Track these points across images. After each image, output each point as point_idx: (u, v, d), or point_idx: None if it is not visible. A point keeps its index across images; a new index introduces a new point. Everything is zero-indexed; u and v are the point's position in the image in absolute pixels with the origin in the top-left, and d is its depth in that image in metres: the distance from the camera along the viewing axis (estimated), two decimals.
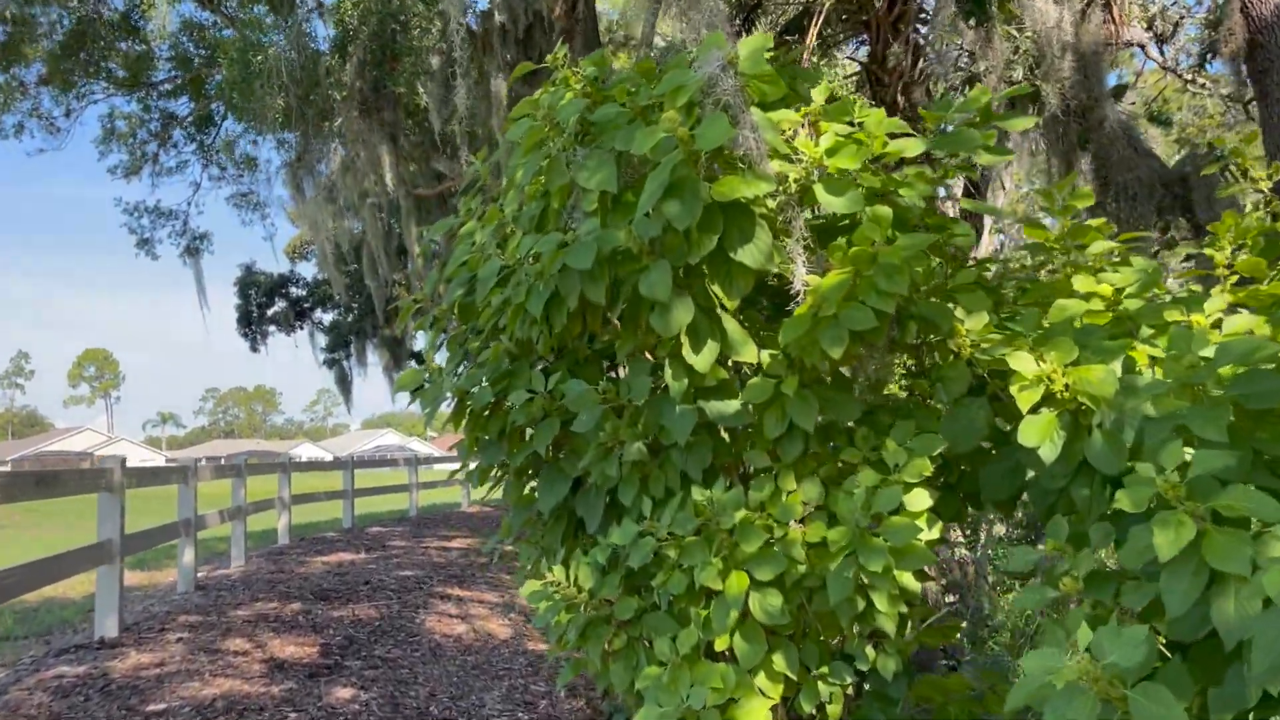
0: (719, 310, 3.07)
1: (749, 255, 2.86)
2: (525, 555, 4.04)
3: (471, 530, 17.25)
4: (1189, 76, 14.71)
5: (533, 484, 3.90)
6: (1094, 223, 3.39)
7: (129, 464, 8.30)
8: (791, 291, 2.97)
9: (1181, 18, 15.48)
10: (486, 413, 3.63)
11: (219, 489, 28.95)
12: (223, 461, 12.39)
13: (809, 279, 2.89)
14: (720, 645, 3.19)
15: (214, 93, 14.18)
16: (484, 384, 3.56)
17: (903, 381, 3.68)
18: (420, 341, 27.13)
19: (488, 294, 3.47)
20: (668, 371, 3.11)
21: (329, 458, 65.78)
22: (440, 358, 4.14)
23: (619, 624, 3.39)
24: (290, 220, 24.44)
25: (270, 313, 23.37)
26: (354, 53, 9.83)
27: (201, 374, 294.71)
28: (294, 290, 23.56)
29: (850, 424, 3.27)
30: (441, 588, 10.25)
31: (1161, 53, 15.54)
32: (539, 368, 3.67)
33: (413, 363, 25.28)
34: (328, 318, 23.59)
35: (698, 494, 3.14)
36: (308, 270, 23.66)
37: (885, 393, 3.46)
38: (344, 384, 23.32)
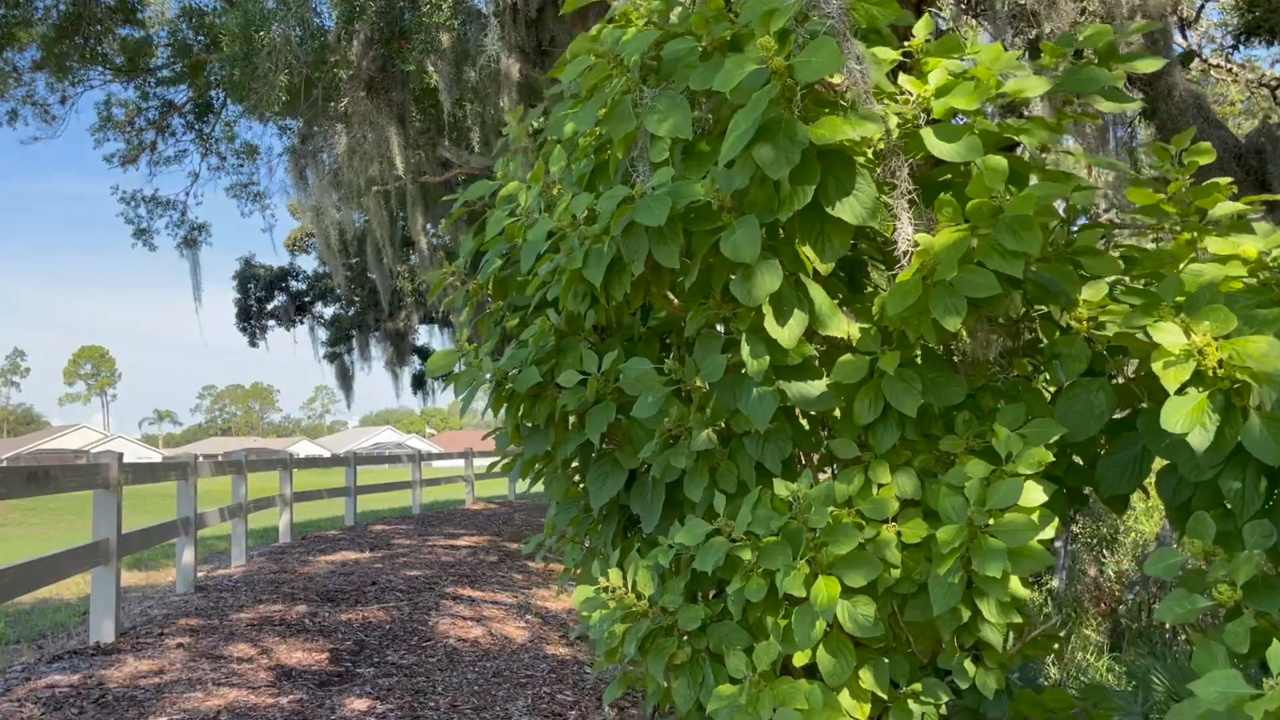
0: (805, 277, 2.67)
1: (848, 210, 2.46)
2: (570, 556, 3.65)
3: (478, 528, 16.85)
4: (1216, 61, 14.33)
5: (578, 477, 3.50)
6: (1220, 181, 2.99)
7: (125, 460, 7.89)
8: (897, 253, 2.56)
9: (1205, 1, 15.11)
10: (532, 397, 3.22)
11: (218, 486, 28.60)
12: (221, 458, 11.98)
13: (918, 238, 2.49)
14: (800, 660, 2.80)
15: (214, 79, 13.76)
16: (528, 364, 3.15)
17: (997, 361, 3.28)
18: (424, 335, 26.75)
19: (535, 262, 3.07)
20: (744, 348, 2.71)
21: (327, 455, 65.47)
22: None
23: (683, 635, 3.00)
24: (291, 214, 24.06)
25: (270, 307, 22.93)
26: (360, 29, 9.42)
27: (198, 372, 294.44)
28: (294, 284, 23.12)
29: (949, 409, 2.87)
30: (453, 588, 9.85)
31: (1185, 37, 15.17)
32: (587, 347, 3.27)
33: (416, 359, 24.88)
34: (329, 311, 23.17)
35: (780, 488, 2.74)
36: (308, 264, 23.34)
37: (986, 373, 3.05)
38: (345, 379, 22.89)
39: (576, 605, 3.08)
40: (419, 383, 25.05)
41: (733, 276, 2.57)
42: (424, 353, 25.08)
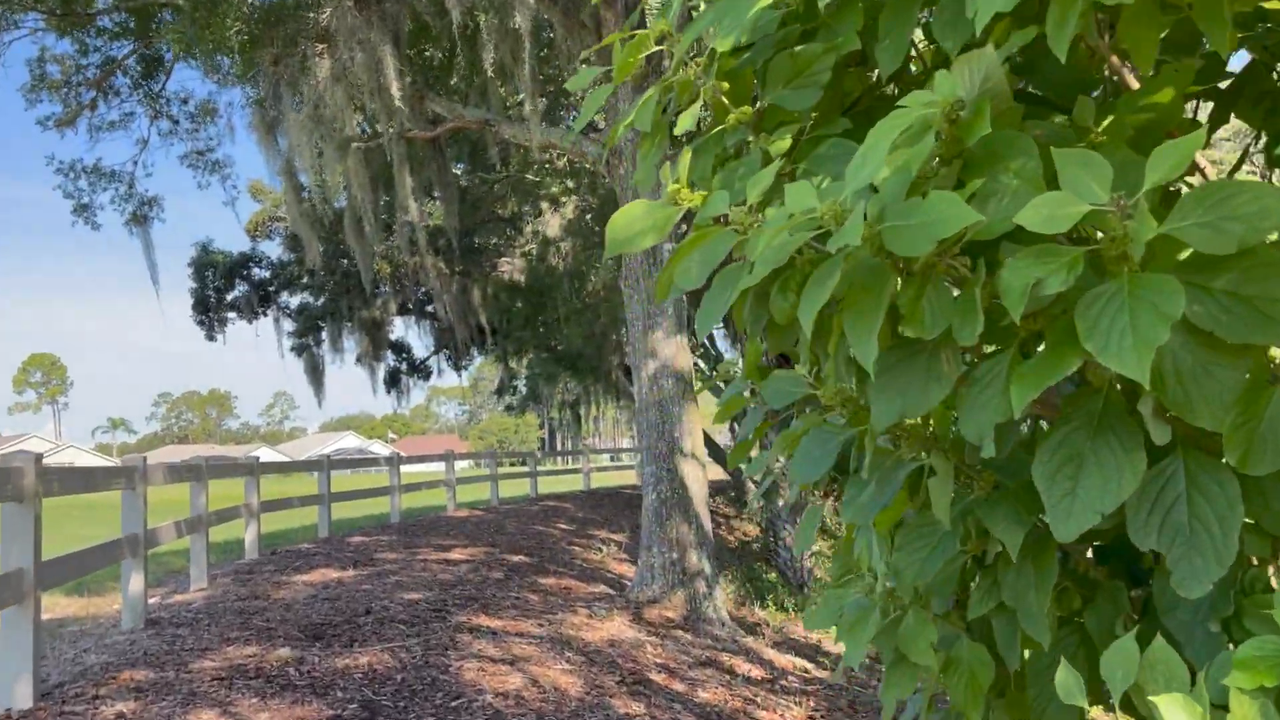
0: None
1: None
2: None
3: (468, 538, 15.02)
4: None
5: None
6: None
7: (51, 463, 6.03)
8: None
9: None
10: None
11: (172, 495, 26.43)
12: (178, 463, 10.11)
13: None
14: None
15: (162, 26, 11.86)
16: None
17: None
18: (400, 327, 24.67)
19: None
20: None
21: (289, 461, 63.02)
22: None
23: None
24: (253, 195, 22.03)
25: (230, 297, 20.82)
26: None
27: (153, 379, 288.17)
28: (257, 271, 21.04)
29: None
30: (464, 615, 8.07)
31: None
32: None
33: (390, 354, 22.91)
34: (295, 301, 21.08)
35: None
36: (273, 250, 21.25)
37: None
38: (315, 373, 20.76)
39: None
40: (393, 380, 23.05)
41: None
42: (400, 348, 23.10)
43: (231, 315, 20.92)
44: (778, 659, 8.93)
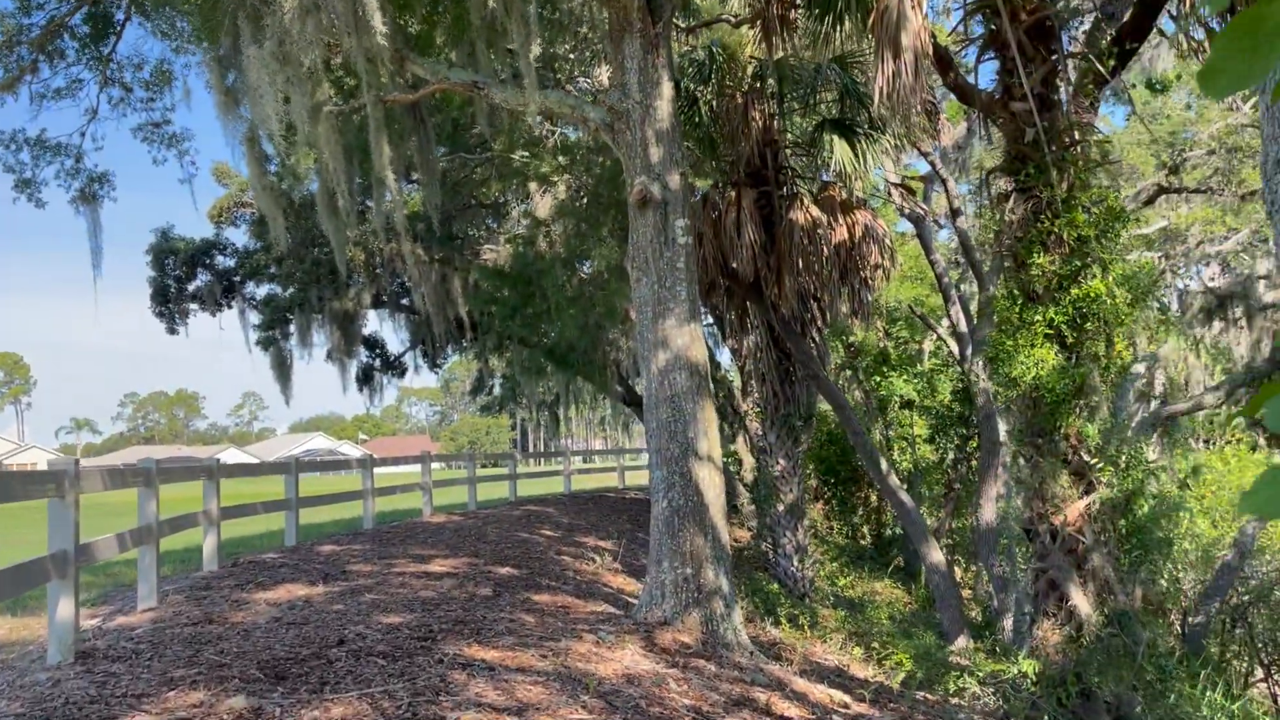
0: None
1: None
2: None
3: (449, 547, 13.81)
4: None
5: None
6: None
7: None
8: None
9: None
10: None
11: (119, 499, 24.98)
12: (122, 466, 8.87)
13: None
14: None
15: None
16: None
17: None
18: (374, 321, 23.30)
19: None
20: None
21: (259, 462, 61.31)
22: None
23: None
24: (216, 179, 20.66)
25: (191, 287, 19.40)
26: None
27: (120, 379, 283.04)
28: (221, 259, 19.62)
29: None
30: (453, 644, 6.90)
31: None
32: None
33: (363, 350, 21.58)
34: (262, 291, 19.68)
35: None
36: (238, 237, 19.81)
37: None
38: (282, 368, 19.32)
39: None
40: (366, 377, 21.69)
41: None
42: (373, 343, 21.73)
43: (194, 307, 19.51)
44: (811, 691, 7.83)
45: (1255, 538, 15.96)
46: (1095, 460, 9.50)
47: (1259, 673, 16.42)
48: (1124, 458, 9.54)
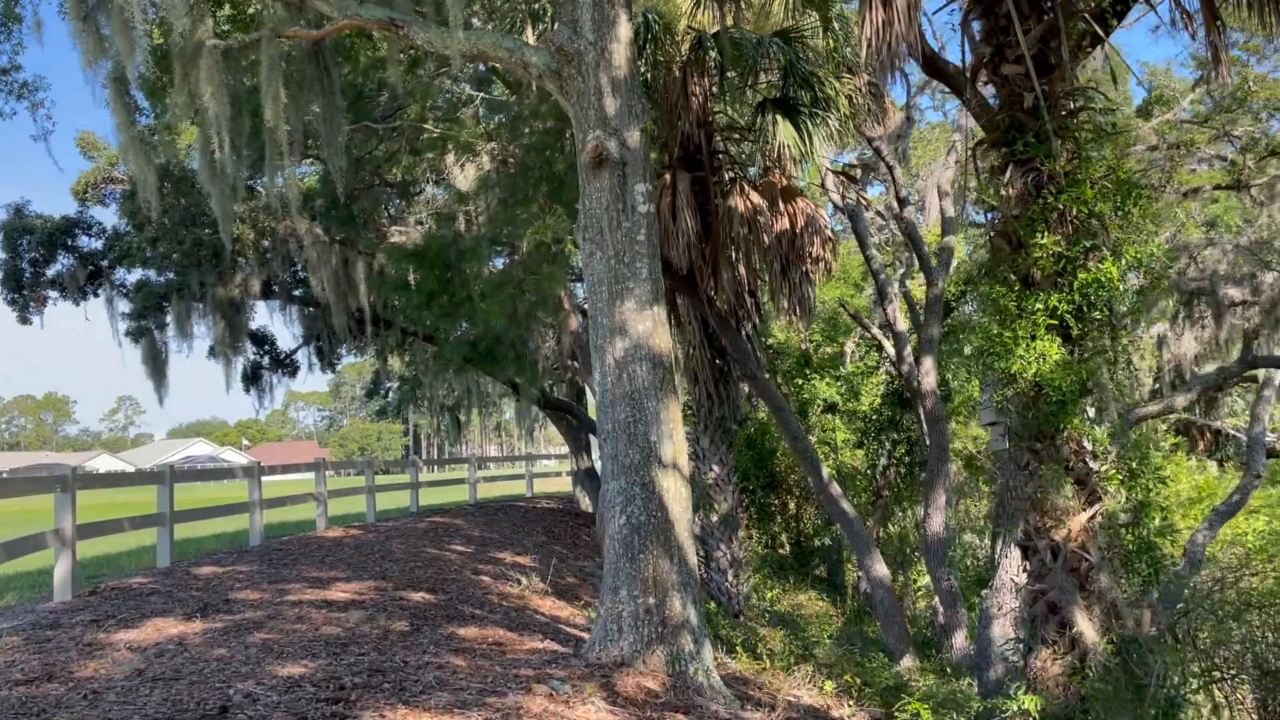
0: None
1: None
2: None
3: (351, 568, 12.10)
4: None
5: None
6: None
7: None
8: None
9: None
10: None
11: (36, 505, 22.25)
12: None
13: None
14: None
15: None
16: None
17: None
18: (263, 315, 21.13)
19: None
20: None
21: (131, 471, 57.18)
22: None
23: None
24: (82, 151, 18.36)
25: (51, 272, 17.09)
26: None
27: None
28: (86, 240, 17.33)
29: None
30: (374, 710, 5.34)
31: None
32: None
33: (250, 346, 19.50)
34: (134, 278, 17.40)
35: None
36: (107, 217, 17.60)
37: None
38: (155, 363, 17.02)
39: None
40: (254, 376, 19.57)
41: None
42: (262, 339, 19.62)
43: (53, 294, 17.22)
44: None
45: (1204, 547, 15.34)
46: (1106, 468, 8.42)
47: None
48: (1133, 463, 8.50)
